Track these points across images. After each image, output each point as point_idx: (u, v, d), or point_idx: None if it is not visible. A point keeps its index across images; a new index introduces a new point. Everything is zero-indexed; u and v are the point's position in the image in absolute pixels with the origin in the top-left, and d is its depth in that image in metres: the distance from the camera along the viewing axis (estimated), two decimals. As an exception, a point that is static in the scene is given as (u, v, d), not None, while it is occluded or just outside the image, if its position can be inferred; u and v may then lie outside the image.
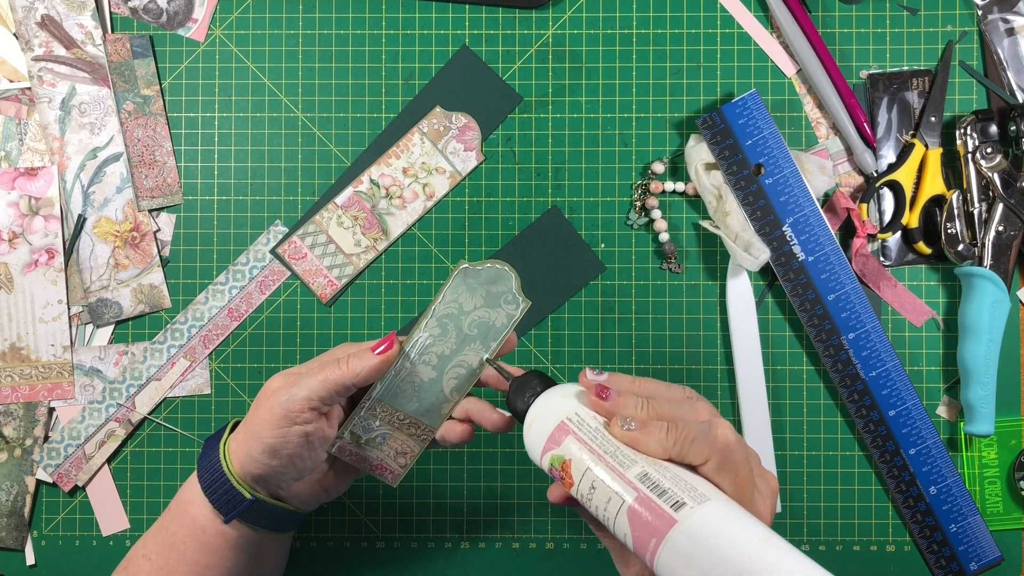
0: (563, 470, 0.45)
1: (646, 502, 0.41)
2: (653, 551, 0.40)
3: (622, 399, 0.46)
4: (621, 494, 0.42)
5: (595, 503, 0.43)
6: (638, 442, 0.44)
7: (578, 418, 0.46)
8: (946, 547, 0.67)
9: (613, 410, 0.46)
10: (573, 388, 0.49)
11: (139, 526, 0.69)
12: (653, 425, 0.44)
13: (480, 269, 0.54)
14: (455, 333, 0.54)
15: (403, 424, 0.55)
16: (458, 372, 0.54)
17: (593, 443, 0.45)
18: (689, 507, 0.40)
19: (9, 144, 0.69)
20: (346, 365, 0.52)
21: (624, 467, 0.43)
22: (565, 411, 0.47)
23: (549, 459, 0.46)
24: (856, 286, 0.66)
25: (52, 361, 0.68)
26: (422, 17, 0.70)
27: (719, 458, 0.43)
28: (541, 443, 0.47)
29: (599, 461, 0.44)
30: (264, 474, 0.53)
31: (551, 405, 0.48)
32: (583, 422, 0.46)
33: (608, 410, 0.46)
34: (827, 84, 0.67)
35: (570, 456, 0.45)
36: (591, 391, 0.46)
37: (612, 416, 0.46)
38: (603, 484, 0.43)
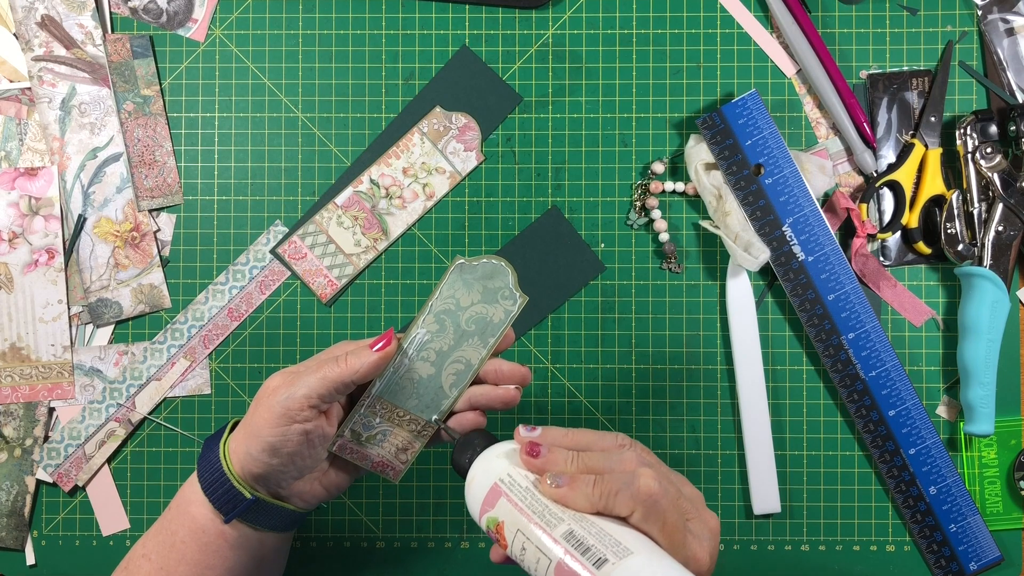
0: (498, 532, 0.46)
1: (571, 561, 0.42)
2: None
3: (552, 455, 0.47)
4: (548, 554, 0.43)
5: (527, 563, 0.45)
6: (566, 499, 0.45)
7: (510, 479, 0.47)
8: (946, 547, 0.67)
9: (544, 467, 0.47)
10: (508, 446, 0.50)
11: (139, 526, 0.69)
12: (580, 480, 0.45)
13: (476, 264, 0.54)
14: (453, 329, 0.54)
15: (403, 421, 0.55)
16: (457, 368, 0.55)
17: (523, 503, 0.46)
18: (611, 563, 0.41)
19: (9, 144, 0.69)
20: (345, 362, 0.52)
21: (551, 526, 0.44)
22: (498, 472, 0.48)
23: (486, 521, 0.47)
24: (856, 286, 0.66)
25: (52, 361, 0.68)
26: (422, 17, 0.70)
27: (643, 509, 0.44)
28: (478, 505, 0.48)
29: (528, 522, 0.45)
30: (264, 473, 0.53)
31: (487, 466, 0.49)
32: (514, 482, 0.47)
33: (539, 467, 0.47)
34: (827, 84, 0.67)
35: (502, 518, 0.46)
36: (523, 449, 0.47)
37: (543, 473, 0.46)
38: (531, 545, 0.44)
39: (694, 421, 0.69)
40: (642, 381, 0.69)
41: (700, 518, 0.47)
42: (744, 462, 0.68)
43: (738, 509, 0.69)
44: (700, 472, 0.69)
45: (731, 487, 0.69)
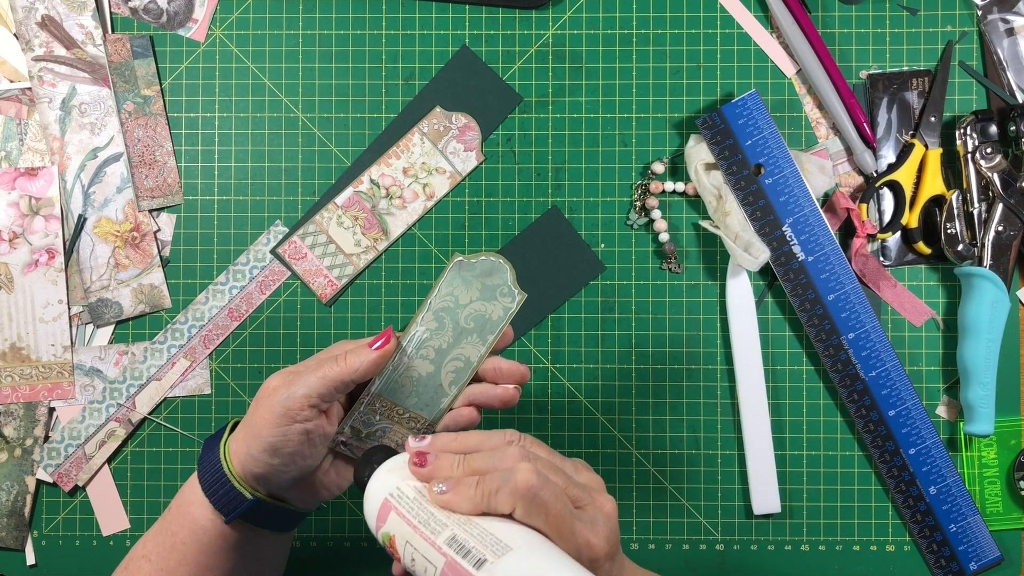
0: (391, 546, 0.46)
1: (453, 566, 0.42)
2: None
3: (439, 461, 0.47)
4: (433, 562, 0.43)
5: (418, 574, 0.45)
6: (451, 504, 0.45)
7: (399, 492, 0.47)
8: (946, 547, 0.67)
9: (431, 475, 0.47)
10: (402, 459, 0.50)
11: (139, 526, 0.69)
12: (463, 483, 0.45)
13: (475, 262, 0.54)
14: (452, 327, 0.54)
15: (403, 418, 0.55)
16: (456, 365, 0.55)
17: (410, 515, 0.46)
18: (489, 563, 0.41)
19: (9, 144, 0.69)
20: (344, 361, 0.52)
21: (436, 534, 0.44)
22: (388, 487, 0.48)
23: (381, 536, 0.47)
24: (856, 286, 0.66)
25: (52, 361, 0.68)
26: (422, 17, 0.70)
27: (524, 503, 0.44)
28: (373, 523, 0.48)
29: (415, 532, 0.45)
30: (265, 473, 0.53)
31: (380, 482, 0.49)
32: (403, 495, 0.47)
33: (426, 475, 0.47)
34: (827, 84, 0.67)
35: (393, 532, 0.46)
36: (410, 459, 0.48)
37: (430, 480, 0.47)
38: (419, 555, 0.44)
39: (694, 421, 0.69)
40: (642, 381, 0.69)
41: (593, 503, 0.46)
42: (744, 462, 0.68)
43: (738, 509, 0.69)
44: (700, 472, 0.69)
45: (731, 487, 0.69)
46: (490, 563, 0.41)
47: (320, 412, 0.53)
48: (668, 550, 0.69)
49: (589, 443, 0.69)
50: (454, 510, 0.45)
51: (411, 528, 0.45)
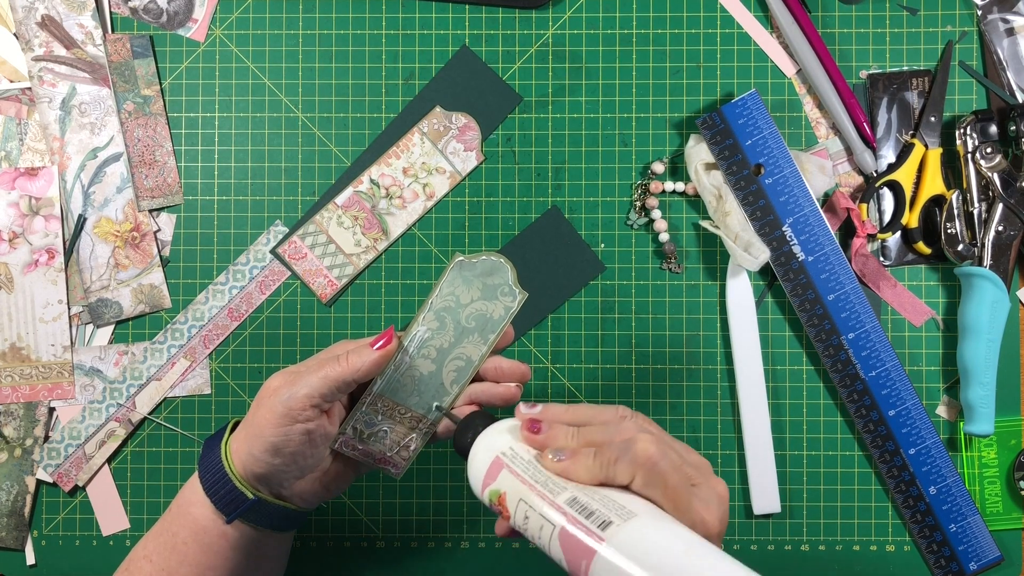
0: (500, 503, 0.46)
1: (575, 524, 0.42)
2: (585, 571, 0.41)
3: (553, 431, 0.47)
4: (552, 520, 0.43)
5: (531, 532, 0.45)
6: (568, 472, 0.45)
7: (512, 452, 0.48)
8: (946, 547, 0.67)
9: (545, 443, 0.47)
10: (510, 423, 0.50)
11: (139, 526, 0.69)
12: (581, 453, 0.45)
13: (476, 261, 0.54)
14: (453, 326, 0.54)
15: (405, 417, 0.55)
16: (457, 364, 0.55)
17: (525, 475, 0.46)
18: (616, 525, 0.41)
19: (9, 144, 0.69)
20: (346, 361, 0.52)
21: (554, 494, 0.44)
22: (500, 447, 0.48)
23: (488, 494, 0.47)
24: (856, 286, 0.66)
25: (52, 361, 0.68)
26: (422, 17, 0.70)
27: (644, 473, 0.44)
28: (480, 479, 0.48)
29: (531, 491, 0.45)
30: (266, 473, 0.53)
31: (489, 442, 0.49)
32: (516, 455, 0.47)
33: (540, 443, 0.47)
34: (827, 84, 0.67)
35: (505, 489, 0.46)
36: (524, 425, 0.48)
37: (544, 448, 0.47)
38: (535, 513, 0.44)
39: (694, 421, 0.69)
40: (642, 381, 0.69)
41: (707, 484, 0.46)
42: (744, 462, 0.68)
43: (738, 509, 0.69)
44: (700, 472, 0.69)
45: (731, 487, 0.69)
46: (616, 525, 0.41)
47: (322, 412, 0.53)
48: (668, 550, 0.69)
49: (589, 443, 0.69)
50: (570, 478, 0.45)
51: (526, 486, 0.45)
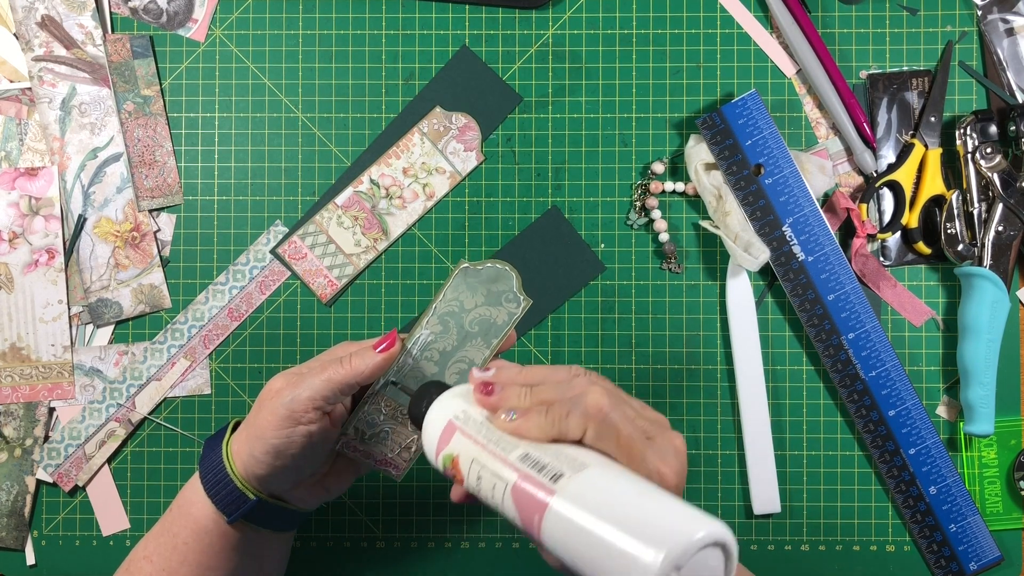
0: (454, 467, 0.46)
1: (527, 480, 0.42)
2: (538, 526, 0.40)
3: (505, 392, 0.47)
4: (504, 477, 0.43)
5: (484, 492, 0.44)
6: (520, 430, 0.45)
7: (464, 415, 0.47)
8: (946, 547, 0.67)
9: (497, 404, 0.47)
10: (463, 388, 0.50)
11: (139, 526, 0.69)
12: (533, 411, 0.45)
13: (481, 268, 0.54)
14: (456, 330, 0.54)
15: (407, 419, 0.55)
16: (460, 368, 0.55)
17: (478, 436, 0.46)
18: (567, 476, 0.40)
19: (9, 144, 0.69)
20: (349, 364, 0.52)
21: (506, 452, 0.44)
22: (453, 410, 0.48)
23: (441, 459, 0.47)
24: (856, 286, 0.66)
25: (52, 361, 0.68)
26: (422, 17, 0.70)
27: (595, 425, 0.43)
28: (434, 445, 0.48)
29: (483, 451, 0.45)
30: (268, 474, 0.53)
31: (441, 407, 0.49)
32: (469, 418, 0.47)
33: (493, 404, 0.47)
34: (827, 84, 0.67)
35: (457, 452, 0.46)
36: (476, 389, 0.47)
37: (496, 410, 0.46)
38: (487, 471, 0.44)
39: (694, 421, 0.69)
40: (642, 381, 0.69)
41: (663, 436, 0.45)
42: (744, 462, 0.68)
43: (738, 509, 0.69)
44: (700, 472, 0.69)
45: (731, 487, 0.69)
46: (567, 477, 0.40)
47: (324, 414, 0.53)
48: (668, 550, 0.69)
49: (589, 443, 0.69)
50: (523, 436, 0.44)
51: (478, 447, 0.45)
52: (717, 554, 0.37)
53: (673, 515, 0.37)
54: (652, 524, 0.37)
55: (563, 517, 0.39)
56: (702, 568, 0.36)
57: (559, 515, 0.39)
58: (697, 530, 0.36)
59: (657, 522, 0.37)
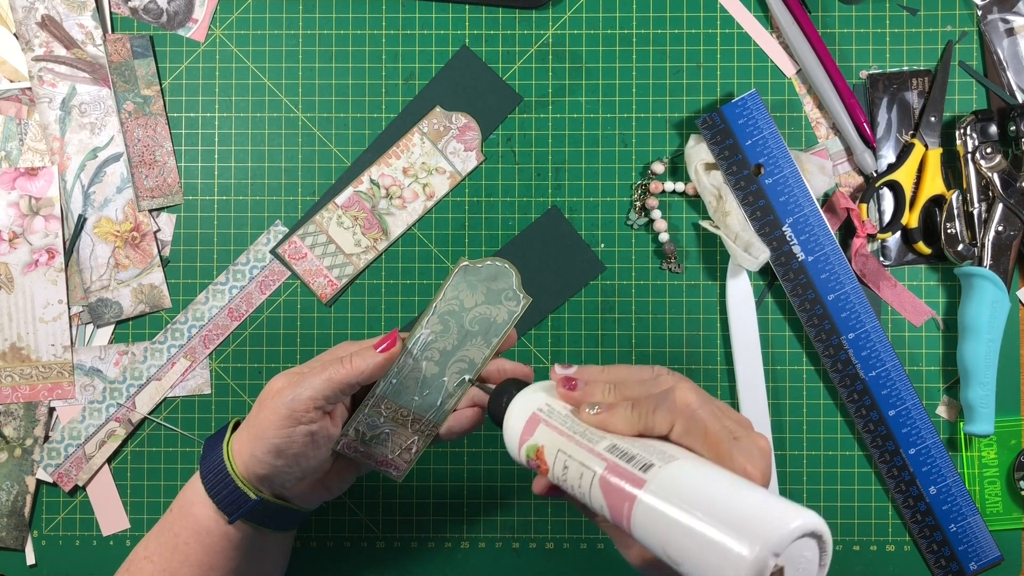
0: (538, 457, 0.46)
1: (615, 469, 0.41)
2: (627, 515, 0.40)
3: (589, 387, 0.47)
4: (591, 466, 0.43)
5: (570, 482, 0.44)
6: (605, 423, 0.44)
7: (548, 408, 0.47)
8: (946, 547, 0.67)
9: (581, 399, 0.47)
10: (545, 384, 0.50)
11: (139, 526, 0.69)
12: (619, 405, 0.45)
13: (480, 267, 0.54)
14: (456, 329, 0.54)
15: (407, 420, 0.55)
16: (460, 367, 0.55)
17: (563, 427, 0.45)
18: (657, 466, 0.40)
19: (9, 144, 0.69)
20: (350, 363, 0.52)
21: (593, 443, 0.44)
22: (537, 404, 0.48)
23: (525, 451, 0.47)
24: (856, 286, 0.66)
25: (52, 361, 0.68)
26: (422, 17, 0.70)
27: (683, 420, 0.43)
28: (517, 437, 0.48)
29: (570, 441, 0.44)
30: (269, 474, 0.53)
31: (525, 401, 0.49)
32: (553, 411, 0.47)
33: (576, 400, 0.47)
34: (827, 84, 0.67)
35: (542, 443, 0.46)
36: (559, 384, 0.48)
37: (580, 405, 0.46)
38: (574, 461, 0.44)
39: (694, 421, 0.69)
40: (642, 381, 0.69)
41: (748, 437, 0.44)
42: (744, 462, 0.68)
43: (738, 509, 0.69)
44: (700, 472, 0.68)
45: (731, 487, 0.69)
46: (658, 467, 0.40)
47: (324, 414, 0.53)
48: (668, 550, 0.69)
49: (589, 443, 0.69)
50: (609, 430, 0.44)
51: (564, 437, 0.45)
52: (812, 545, 0.36)
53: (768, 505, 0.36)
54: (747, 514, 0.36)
55: (655, 506, 0.39)
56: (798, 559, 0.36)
57: (650, 504, 0.39)
58: (793, 519, 0.35)
59: (752, 512, 0.36)
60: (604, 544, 0.69)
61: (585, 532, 0.69)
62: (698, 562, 0.37)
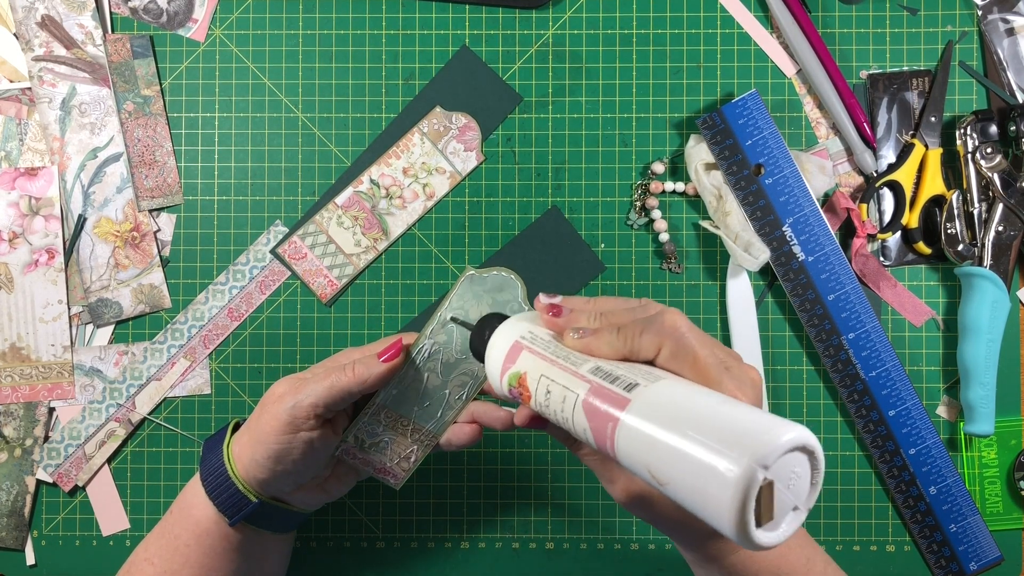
0: (520, 384, 0.45)
1: (599, 390, 0.40)
2: (611, 436, 0.38)
3: (575, 314, 0.45)
4: (574, 389, 0.41)
5: (552, 407, 0.42)
6: (590, 347, 0.43)
7: (531, 335, 0.46)
8: (946, 547, 0.67)
9: (566, 325, 0.45)
10: (528, 314, 0.49)
11: (139, 526, 0.69)
12: (603, 329, 0.43)
13: (486, 276, 0.54)
14: (460, 341, 0.54)
15: (407, 429, 0.55)
16: (462, 380, 0.54)
17: (546, 352, 0.44)
18: (642, 386, 0.38)
19: (9, 144, 0.69)
20: (352, 372, 0.52)
21: (576, 366, 0.42)
22: (519, 332, 0.47)
23: (507, 379, 0.45)
24: (856, 286, 0.66)
25: (52, 361, 0.68)
26: (422, 17, 0.70)
27: (671, 344, 0.41)
28: (499, 367, 0.46)
29: (552, 365, 0.43)
30: (269, 478, 0.53)
31: (507, 330, 0.47)
32: (536, 337, 0.45)
33: (561, 325, 0.45)
34: (827, 84, 0.67)
35: (524, 369, 0.44)
36: (544, 311, 0.46)
37: (564, 331, 0.45)
38: (557, 385, 0.42)
39: (694, 421, 0.69)
40: (642, 381, 0.69)
41: (739, 366, 0.42)
42: (744, 462, 0.68)
43: (738, 509, 0.69)
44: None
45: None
46: (643, 386, 0.38)
47: (325, 421, 0.53)
48: (668, 549, 0.69)
49: (589, 443, 0.69)
50: (593, 353, 0.43)
51: (547, 362, 0.43)
52: (804, 461, 0.35)
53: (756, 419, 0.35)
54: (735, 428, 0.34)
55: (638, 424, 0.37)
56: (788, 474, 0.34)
57: (635, 422, 0.37)
58: (784, 432, 0.33)
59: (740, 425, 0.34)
60: (604, 544, 0.69)
61: (585, 532, 0.69)
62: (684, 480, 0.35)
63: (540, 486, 0.69)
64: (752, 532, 0.33)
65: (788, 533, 0.35)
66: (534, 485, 0.69)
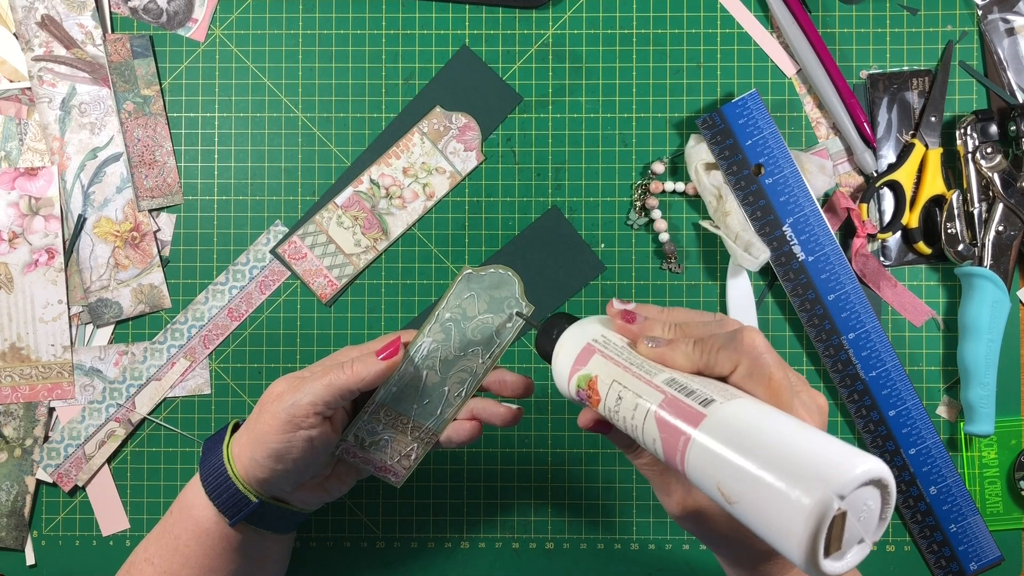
0: (589, 388, 0.44)
1: (673, 403, 0.39)
2: (682, 451, 0.38)
3: (649, 323, 0.45)
4: (647, 399, 0.40)
5: (622, 414, 0.42)
6: (664, 357, 0.42)
7: (604, 339, 0.45)
8: (946, 547, 0.67)
9: (640, 332, 0.45)
10: (598, 318, 0.48)
11: (139, 526, 0.69)
12: (679, 341, 0.43)
13: (484, 274, 0.54)
14: (458, 338, 0.54)
15: (406, 427, 0.55)
16: (461, 376, 0.55)
17: (619, 358, 0.43)
18: (718, 402, 0.38)
19: (9, 144, 0.69)
20: (351, 370, 0.52)
21: (650, 375, 0.41)
22: (591, 335, 0.46)
23: (576, 381, 0.45)
24: (856, 286, 0.66)
25: (52, 361, 0.68)
26: (422, 17, 0.70)
27: (748, 362, 0.40)
28: (568, 369, 0.45)
29: (626, 372, 0.42)
30: (269, 478, 0.53)
31: (578, 331, 0.47)
32: (609, 342, 0.45)
33: (635, 332, 0.45)
34: (827, 84, 0.67)
35: (596, 373, 0.44)
36: (618, 316, 0.46)
37: (639, 338, 0.44)
38: (629, 393, 0.41)
39: (694, 421, 0.69)
40: (642, 381, 0.69)
41: (808, 392, 0.42)
42: (744, 462, 0.68)
43: (738, 509, 0.69)
44: (700, 472, 0.68)
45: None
46: (719, 403, 0.38)
47: (324, 419, 0.53)
48: (668, 550, 0.69)
49: (589, 443, 0.69)
50: (668, 364, 0.42)
51: (620, 368, 0.42)
52: (876, 495, 0.34)
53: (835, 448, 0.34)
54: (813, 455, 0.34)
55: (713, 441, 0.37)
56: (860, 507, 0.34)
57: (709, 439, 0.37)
58: (859, 464, 0.33)
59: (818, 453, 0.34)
60: (604, 544, 0.69)
61: (585, 532, 0.69)
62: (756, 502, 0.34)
63: (540, 486, 0.69)
64: (820, 561, 0.33)
65: (852, 564, 0.35)
66: (534, 485, 0.69)
